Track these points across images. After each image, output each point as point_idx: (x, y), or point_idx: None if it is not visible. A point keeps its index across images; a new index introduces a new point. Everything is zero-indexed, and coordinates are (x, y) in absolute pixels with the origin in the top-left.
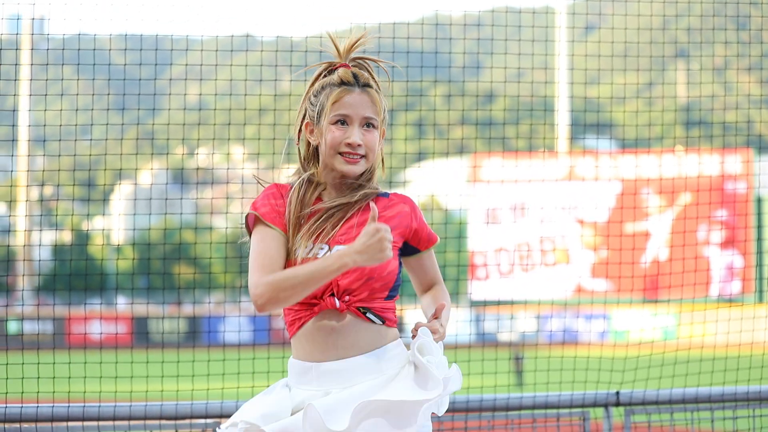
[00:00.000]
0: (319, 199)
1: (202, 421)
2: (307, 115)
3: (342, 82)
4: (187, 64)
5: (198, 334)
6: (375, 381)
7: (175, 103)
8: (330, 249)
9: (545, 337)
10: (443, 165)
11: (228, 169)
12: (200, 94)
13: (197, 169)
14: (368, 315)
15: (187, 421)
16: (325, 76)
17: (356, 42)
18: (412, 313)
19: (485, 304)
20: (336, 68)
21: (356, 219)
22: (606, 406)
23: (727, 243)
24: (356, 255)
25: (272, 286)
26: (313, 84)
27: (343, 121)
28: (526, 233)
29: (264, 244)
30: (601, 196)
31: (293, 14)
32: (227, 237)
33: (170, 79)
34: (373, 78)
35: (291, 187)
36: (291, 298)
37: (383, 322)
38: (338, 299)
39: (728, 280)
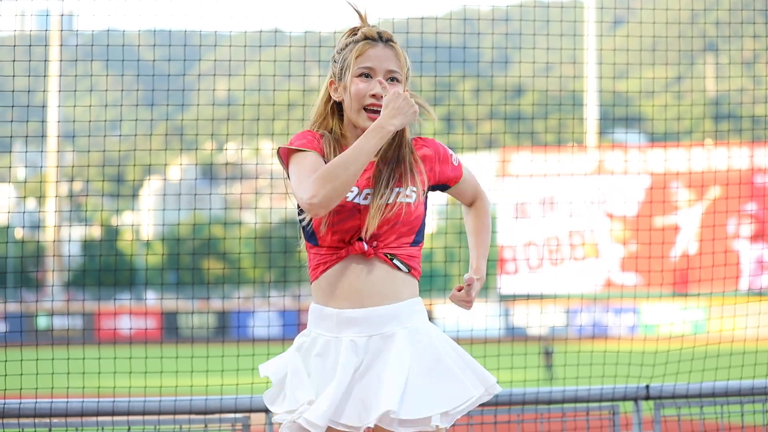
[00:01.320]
0: (344, 146)
1: (232, 415)
2: (331, 72)
3: (366, 38)
4: (216, 60)
5: (227, 329)
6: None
7: (204, 99)
8: (360, 192)
9: (575, 332)
10: (472, 159)
11: (257, 164)
12: (229, 90)
13: (226, 164)
14: (395, 261)
15: (217, 416)
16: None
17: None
18: (441, 308)
19: (514, 298)
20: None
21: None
22: (636, 399)
23: (757, 236)
24: (391, 119)
25: (322, 178)
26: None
27: (367, 74)
28: (555, 227)
29: (305, 162)
30: (630, 189)
31: (321, 9)
32: (256, 232)
33: (199, 75)
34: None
35: (321, 135)
36: (344, 183)
37: (409, 270)
38: (366, 243)
39: (758, 274)
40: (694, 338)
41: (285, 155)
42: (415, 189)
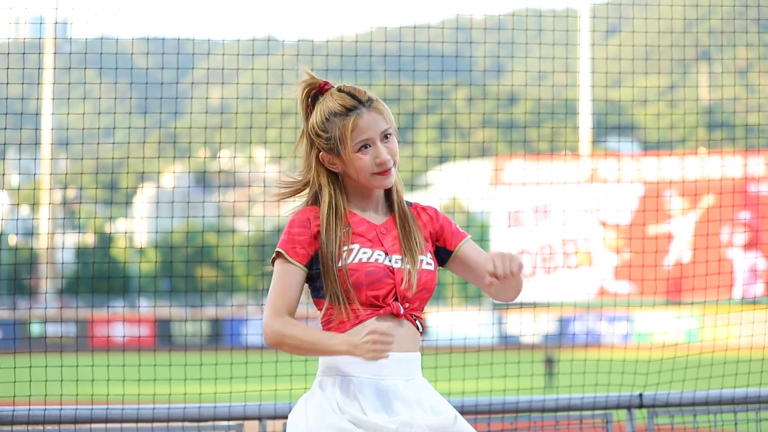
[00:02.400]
0: (351, 213)
1: (225, 423)
2: (316, 145)
3: (347, 109)
4: (208, 68)
5: (220, 336)
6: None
7: (198, 107)
8: (388, 255)
9: (568, 340)
10: (465, 167)
11: (249, 172)
12: (222, 98)
13: (219, 171)
14: (417, 322)
15: (210, 423)
16: (312, 99)
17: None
18: (434, 317)
19: (507, 306)
20: (319, 90)
21: (396, 230)
22: (629, 408)
23: (751, 245)
24: (352, 347)
25: (279, 336)
26: (306, 109)
27: (365, 145)
28: (548, 235)
29: (281, 282)
30: (623, 198)
31: (315, 17)
32: (249, 240)
33: (192, 83)
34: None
35: (317, 207)
36: (289, 351)
37: (421, 331)
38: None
39: (752, 282)
40: (687, 346)
41: (276, 254)
42: (431, 257)
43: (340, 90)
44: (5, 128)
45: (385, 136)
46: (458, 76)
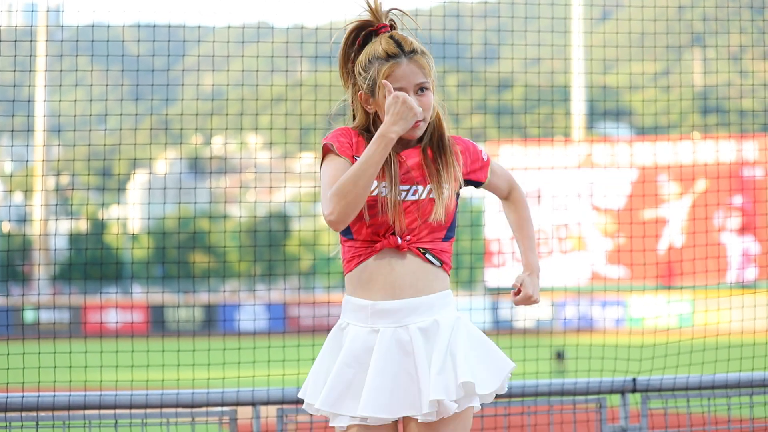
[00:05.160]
0: None
1: (219, 409)
2: (359, 85)
3: (389, 56)
4: (199, 56)
5: (214, 322)
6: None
7: (190, 93)
8: (394, 187)
9: (561, 324)
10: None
11: (241, 158)
12: (213, 85)
13: (211, 158)
14: (427, 255)
15: (204, 409)
16: (363, 38)
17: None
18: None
19: (499, 291)
20: (376, 30)
21: (418, 158)
22: (623, 392)
23: (744, 229)
24: (392, 126)
25: (335, 195)
26: (349, 46)
27: None
28: (542, 220)
29: (333, 172)
30: (617, 183)
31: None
32: (242, 225)
33: (183, 70)
34: (414, 38)
35: (357, 134)
36: (356, 198)
37: (441, 265)
38: (400, 238)
39: (745, 267)
40: (679, 331)
41: (323, 151)
42: (447, 186)
43: (391, 36)
44: None
45: (421, 89)
46: (450, 62)
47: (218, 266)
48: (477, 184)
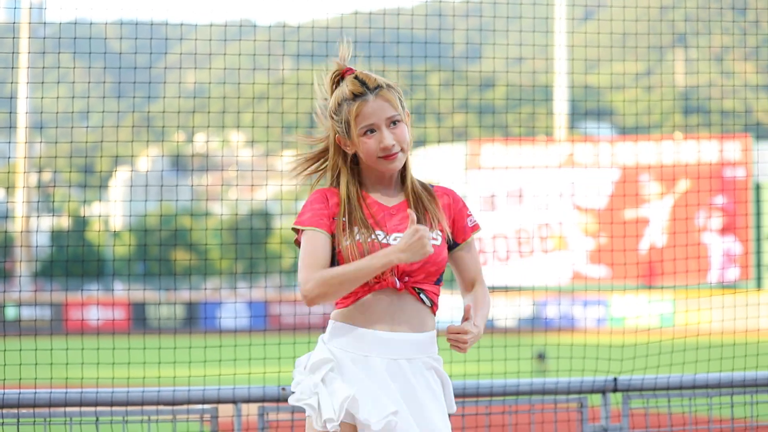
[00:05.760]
0: (364, 192)
1: (200, 406)
2: (334, 129)
3: (355, 96)
4: (181, 53)
5: (195, 320)
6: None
7: (172, 91)
8: (387, 235)
9: (543, 324)
10: (442, 151)
11: (222, 156)
12: (195, 83)
13: (193, 155)
14: (421, 296)
15: (184, 407)
16: (336, 83)
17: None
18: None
19: None
20: (342, 75)
21: (404, 212)
22: (604, 392)
23: (726, 229)
24: (400, 253)
25: (322, 281)
26: (329, 89)
27: (370, 130)
28: (524, 220)
29: (310, 245)
30: (599, 182)
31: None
32: (223, 223)
33: (165, 68)
34: (379, 75)
35: (336, 189)
36: (339, 292)
37: (431, 306)
38: (398, 279)
39: (726, 267)
40: (660, 331)
41: (299, 227)
42: (440, 233)
43: (355, 77)
44: None
45: (393, 123)
46: (432, 61)
47: (200, 264)
48: (454, 244)
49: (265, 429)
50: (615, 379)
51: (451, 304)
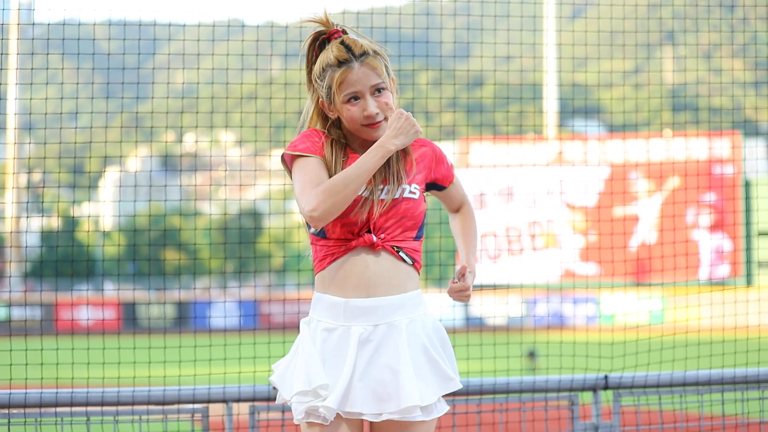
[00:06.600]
0: (351, 152)
1: (190, 406)
2: (317, 94)
3: (340, 62)
4: (170, 53)
5: (185, 319)
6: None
7: (161, 91)
8: (367, 187)
9: (533, 322)
10: None
11: (211, 156)
12: (184, 83)
13: (180, 156)
14: (401, 254)
15: (175, 407)
16: (318, 46)
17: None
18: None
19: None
20: (328, 37)
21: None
22: (595, 389)
23: (716, 226)
24: (393, 139)
25: (323, 193)
26: (309, 58)
27: (354, 97)
28: (514, 218)
29: (308, 169)
30: (589, 180)
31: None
32: (213, 223)
33: (153, 68)
34: (366, 39)
35: (325, 134)
36: (344, 199)
37: (413, 263)
38: (374, 236)
39: (717, 264)
40: (648, 328)
41: (289, 159)
42: (417, 186)
43: (342, 42)
44: None
45: (377, 90)
46: (421, 60)
47: (190, 263)
48: (439, 188)
49: (256, 428)
50: (606, 377)
51: (440, 302)
